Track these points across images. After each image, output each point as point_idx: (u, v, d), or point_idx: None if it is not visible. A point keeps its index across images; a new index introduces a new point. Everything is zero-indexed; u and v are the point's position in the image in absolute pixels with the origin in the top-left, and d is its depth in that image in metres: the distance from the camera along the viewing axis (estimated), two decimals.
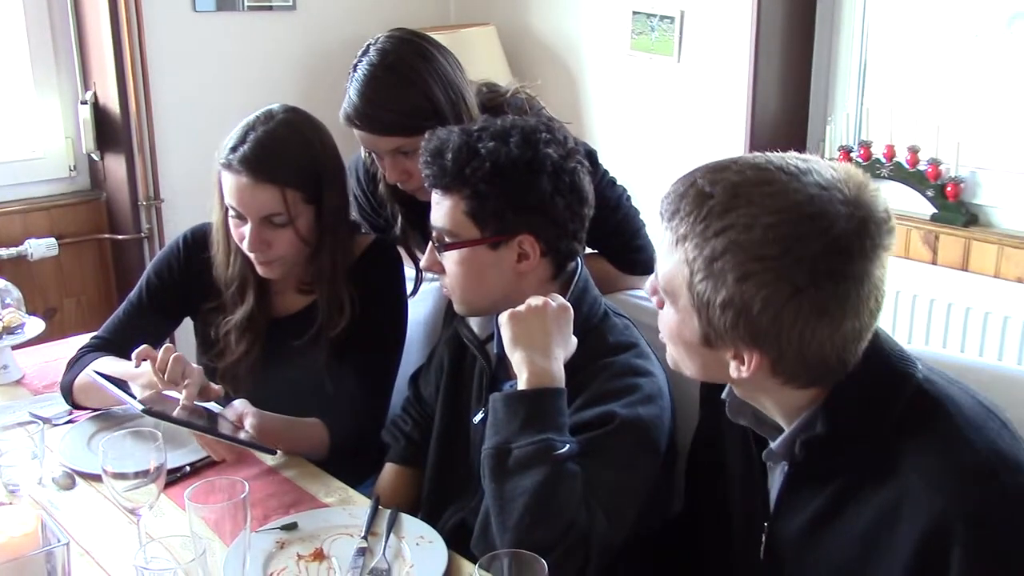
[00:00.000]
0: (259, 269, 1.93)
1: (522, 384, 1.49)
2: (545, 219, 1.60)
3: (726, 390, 1.37)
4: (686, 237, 1.19)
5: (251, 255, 1.90)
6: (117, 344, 2.02)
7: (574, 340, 1.57)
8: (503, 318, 1.56)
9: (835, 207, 1.14)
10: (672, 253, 1.22)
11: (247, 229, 1.87)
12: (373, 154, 1.99)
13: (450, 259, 1.64)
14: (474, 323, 1.78)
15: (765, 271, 1.14)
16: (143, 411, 1.66)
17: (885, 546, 1.19)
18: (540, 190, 1.59)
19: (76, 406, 2.04)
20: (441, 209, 1.63)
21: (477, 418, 1.72)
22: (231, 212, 1.89)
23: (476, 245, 1.62)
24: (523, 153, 1.58)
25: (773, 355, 1.18)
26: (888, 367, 1.23)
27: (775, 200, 1.15)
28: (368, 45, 1.92)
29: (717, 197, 1.17)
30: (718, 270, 1.16)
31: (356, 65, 1.91)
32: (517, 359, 1.52)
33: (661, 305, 1.30)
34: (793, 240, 1.13)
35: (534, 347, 1.51)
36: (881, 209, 1.17)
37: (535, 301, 1.55)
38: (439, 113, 1.86)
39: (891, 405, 1.21)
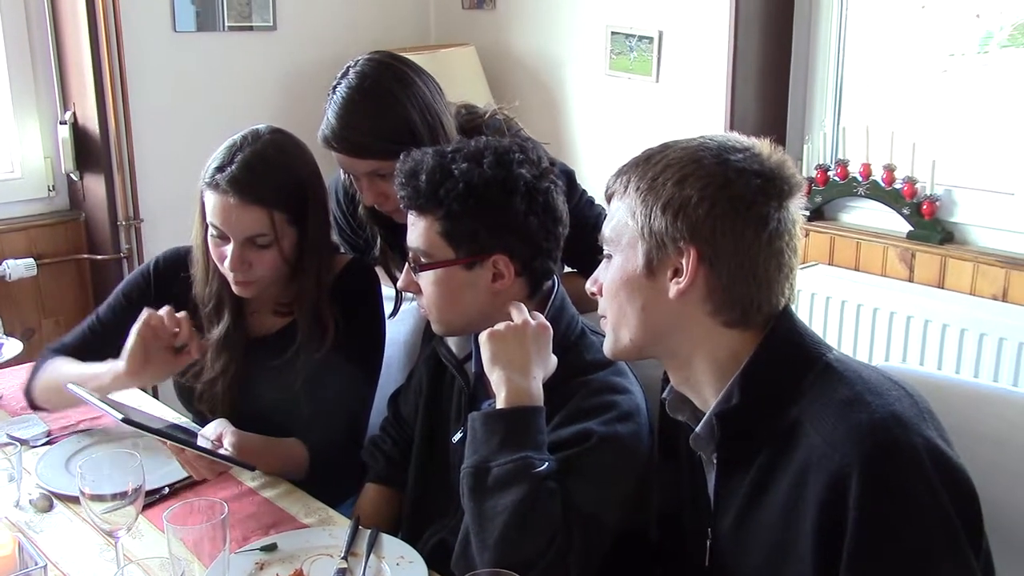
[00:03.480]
0: (235, 288, 1.92)
1: (500, 403, 1.50)
2: (519, 239, 1.61)
3: (667, 390, 1.43)
4: (629, 181, 1.33)
5: (230, 275, 1.89)
6: (78, 358, 2.01)
7: (554, 359, 1.58)
8: (483, 337, 1.56)
9: (758, 157, 1.30)
10: (619, 204, 1.34)
11: (229, 249, 1.86)
12: (351, 176, 1.99)
13: (426, 279, 1.65)
14: (452, 343, 1.79)
15: (700, 169, 1.27)
16: (122, 420, 1.65)
17: (798, 510, 1.23)
18: (513, 210, 1.60)
19: (35, 406, 2.04)
20: (416, 230, 1.64)
21: (456, 438, 1.72)
22: (213, 231, 1.88)
23: (451, 265, 1.62)
24: (496, 174, 1.59)
25: (708, 254, 1.27)
26: (802, 347, 1.31)
27: (704, 137, 1.33)
28: (347, 67, 1.93)
29: (653, 148, 1.34)
30: (659, 184, 1.29)
31: (335, 87, 1.92)
32: (496, 378, 1.52)
33: (601, 291, 1.39)
34: (723, 150, 1.29)
35: (513, 366, 1.52)
36: (797, 176, 1.32)
37: (516, 319, 1.56)
38: (416, 137, 1.87)
39: (799, 378, 1.27)
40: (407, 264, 1.68)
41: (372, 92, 1.88)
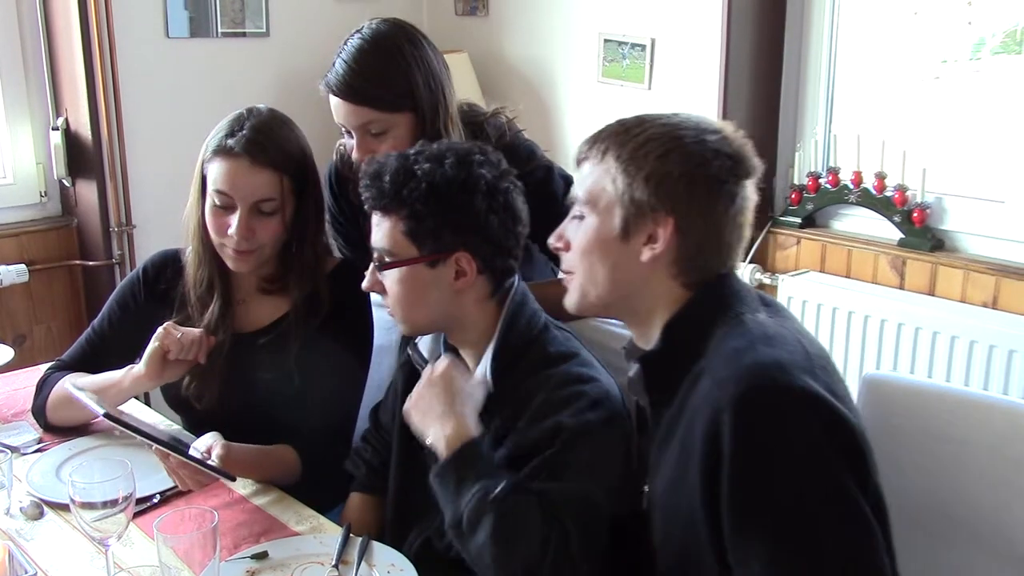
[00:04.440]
0: (233, 262, 1.93)
1: (443, 456, 1.54)
2: (481, 237, 1.64)
3: (628, 341, 1.52)
4: (608, 148, 1.41)
5: (230, 244, 1.90)
6: (80, 371, 2.04)
7: (478, 388, 1.63)
8: (406, 413, 1.65)
9: (728, 140, 1.41)
10: (595, 169, 1.43)
11: (234, 218, 1.88)
12: (344, 131, 2.04)
13: (390, 278, 1.68)
14: (423, 346, 1.82)
15: (683, 147, 1.37)
16: (104, 415, 1.65)
17: (689, 447, 1.31)
18: (475, 209, 1.63)
19: (49, 427, 2.04)
20: (380, 230, 1.67)
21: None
22: (218, 201, 1.90)
23: (415, 263, 1.65)
24: (457, 174, 1.62)
25: (683, 225, 1.37)
26: (724, 303, 1.39)
27: (679, 115, 1.43)
28: (363, 25, 2.02)
29: (629, 120, 1.44)
30: (642, 155, 1.37)
31: (348, 39, 2.00)
32: (431, 438, 1.59)
33: (568, 247, 1.47)
34: (700, 130, 1.39)
35: (437, 418, 1.58)
36: (756, 158, 1.43)
37: (423, 378, 1.64)
38: (415, 97, 1.97)
39: (712, 330, 1.36)
40: (371, 264, 1.71)
41: (382, 45, 1.98)
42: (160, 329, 1.89)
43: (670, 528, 1.39)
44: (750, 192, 1.42)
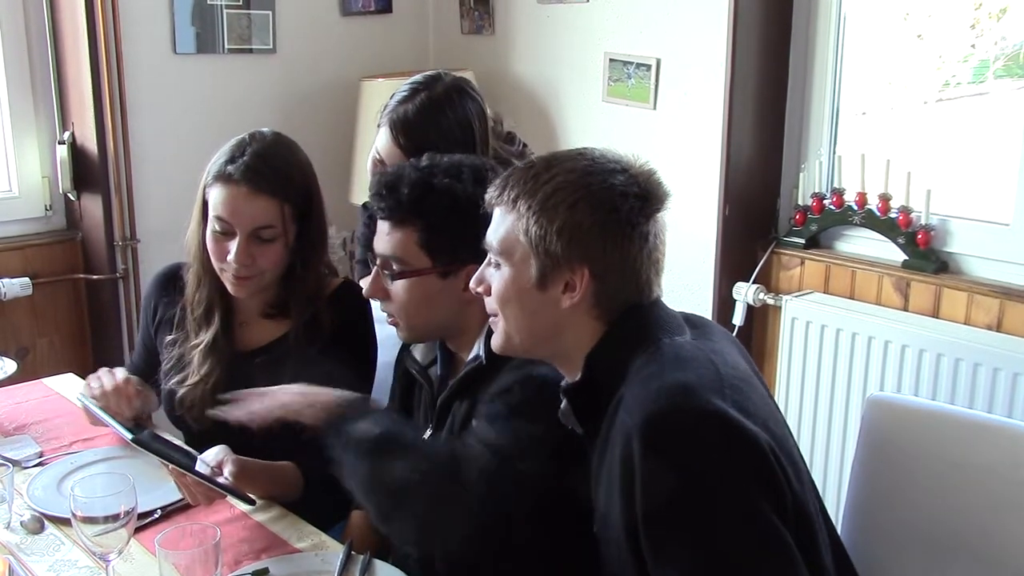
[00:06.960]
0: (232, 287, 1.93)
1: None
2: None
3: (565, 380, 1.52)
4: (518, 197, 1.42)
5: (230, 270, 1.90)
6: (140, 373, 2.10)
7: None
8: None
9: (636, 178, 1.44)
10: (507, 216, 1.44)
11: (233, 244, 1.88)
12: (376, 159, 2.15)
13: (399, 286, 1.70)
14: (418, 352, 1.83)
15: (591, 195, 1.39)
16: (132, 440, 1.66)
17: (612, 477, 1.34)
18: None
19: None
20: (391, 239, 1.68)
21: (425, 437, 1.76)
22: (217, 227, 1.89)
23: (427, 274, 1.67)
24: (476, 190, 1.64)
25: (599, 270, 1.39)
26: (642, 331, 1.42)
27: (584, 156, 1.45)
28: (440, 75, 2.15)
29: (537, 164, 1.45)
30: (551, 206, 1.39)
31: (420, 88, 2.11)
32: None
33: (488, 291, 1.48)
34: (606, 173, 1.41)
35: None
36: (664, 186, 1.46)
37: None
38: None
39: (631, 359, 1.38)
40: (375, 270, 1.73)
41: (456, 116, 2.10)
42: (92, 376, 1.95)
43: (607, 558, 1.41)
44: (662, 225, 1.45)
